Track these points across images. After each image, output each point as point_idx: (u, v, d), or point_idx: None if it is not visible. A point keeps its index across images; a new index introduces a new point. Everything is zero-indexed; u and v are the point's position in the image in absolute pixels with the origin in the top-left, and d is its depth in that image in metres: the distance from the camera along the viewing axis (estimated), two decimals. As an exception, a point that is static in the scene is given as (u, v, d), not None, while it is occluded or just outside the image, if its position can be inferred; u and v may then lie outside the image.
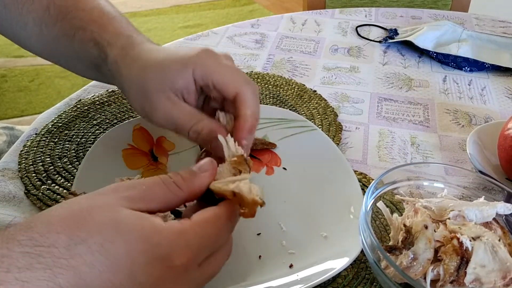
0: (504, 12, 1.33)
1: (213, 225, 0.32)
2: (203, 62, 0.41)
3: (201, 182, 0.34)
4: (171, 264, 0.29)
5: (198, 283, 0.32)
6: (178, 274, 0.30)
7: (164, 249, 0.29)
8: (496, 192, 0.44)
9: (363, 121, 0.65)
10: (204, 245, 0.31)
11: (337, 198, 0.49)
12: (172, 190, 0.32)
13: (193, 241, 0.30)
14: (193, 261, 0.30)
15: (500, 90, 0.73)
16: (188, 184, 0.33)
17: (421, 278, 0.38)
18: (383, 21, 0.93)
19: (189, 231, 0.30)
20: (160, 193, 0.32)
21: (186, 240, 0.30)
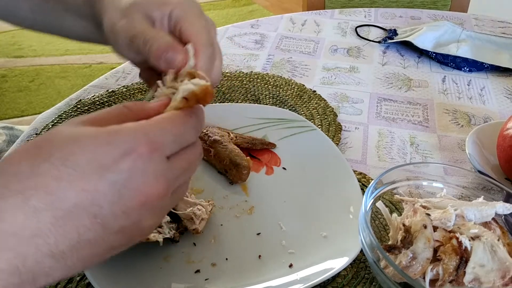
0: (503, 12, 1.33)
1: (171, 120, 0.32)
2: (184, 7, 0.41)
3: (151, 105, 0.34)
4: (136, 153, 0.29)
5: (173, 176, 0.32)
6: (145, 163, 0.29)
7: (125, 144, 0.29)
8: (495, 192, 0.44)
9: (363, 121, 0.65)
10: (167, 138, 0.31)
11: (337, 198, 0.49)
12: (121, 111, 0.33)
13: (152, 131, 0.30)
14: (158, 151, 0.30)
15: (499, 90, 0.73)
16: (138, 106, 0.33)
17: (420, 278, 0.38)
18: (382, 21, 0.93)
19: (147, 124, 0.31)
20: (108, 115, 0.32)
21: (144, 131, 0.30)
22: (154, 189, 0.30)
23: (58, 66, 2.36)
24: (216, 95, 0.68)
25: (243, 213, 0.49)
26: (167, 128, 0.31)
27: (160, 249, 0.44)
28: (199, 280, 0.42)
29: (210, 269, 0.43)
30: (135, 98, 0.67)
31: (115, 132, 0.29)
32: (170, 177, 0.32)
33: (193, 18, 0.41)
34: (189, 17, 0.41)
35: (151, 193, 0.30)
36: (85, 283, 0.42)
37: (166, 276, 0.42)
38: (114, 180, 0.28)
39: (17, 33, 2.68)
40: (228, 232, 0.47)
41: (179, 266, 0.43)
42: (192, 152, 0.34)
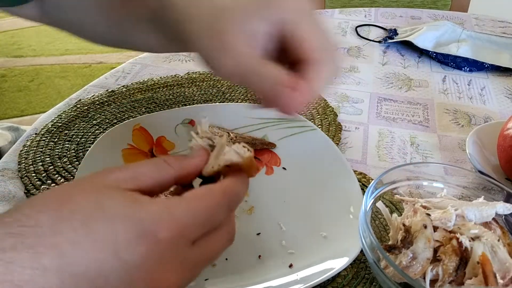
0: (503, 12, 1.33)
1: (204, 200, 0.30)
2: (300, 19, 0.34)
3: (191, 161, 0.33)
4: (155, 238, 0.27)
5: (194, 263, 0.30)
6: (164, 249, 0.28)
7: (147, 223, 0.27)
8: (496, 192, 0.44)
9: (363, 121, 0.65)
10: (194, 220, 0.29)
11: (337, 198, 0.49)
12: (161, 167, 0.31)
13: (180, 214, 0.28)
14: (181, 236, 0.28)
15: (499, 90, 0.73)
16: (178, 163, 0.32)
17: (420, 278, 0.38)
18: (382, 21, 0.93)
19: (176, 204, 0.28)
20: (148, 171, 0.30)
21: (171, 213, 0.28)
22: (167, 280, 0.28)
23: (58, 66, 2.37)
24: (216, 95, 0.68)
25: (243, 213, 0.49)
26: (198, 210, 0.29)
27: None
28: (199, 280, 0.42)
29: (210, 269, 0.43)
30: (134, 97, 0.67)
31: (140, 207, 0.28)
32: (188, 267, 0.29)
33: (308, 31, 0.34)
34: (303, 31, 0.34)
35: (162, 282, 0.28)
36: None
37: (165, 276, 0.42)
38: (126, 259, 0.27)
39: (16, 33, 2.68)
40: (228, 232, 0.47)
41: (179, 266, 0.43)
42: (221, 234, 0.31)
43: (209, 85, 0.71)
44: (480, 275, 0.36)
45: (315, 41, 0.34)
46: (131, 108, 0.65)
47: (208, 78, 0.73)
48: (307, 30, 0.34)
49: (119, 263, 0.27)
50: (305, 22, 0.34)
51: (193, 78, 0.73)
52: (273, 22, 0.33)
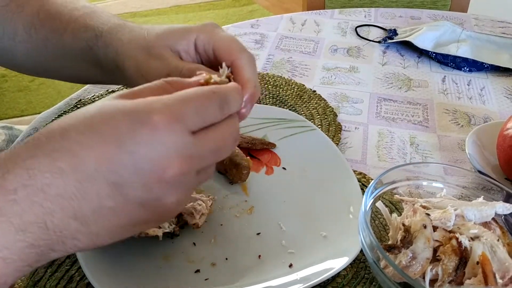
0: (503, 12, 1.33)
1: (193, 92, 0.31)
2: (207, 29, 0.42)
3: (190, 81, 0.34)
4: (152, 123, 0.29)
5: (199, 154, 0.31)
6: (164, 135, 0.29)
7: (141, 112, 0.29)
8: (495, 192, 0.44)
9: (363, 121, 0.65)
10: (187, 107, 0.30)
11: (337, 197, 0.49)
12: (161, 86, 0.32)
13: (171, 101, 0.30)
14: (177, 122, 0.29)
15: (499, 90, 0.73)
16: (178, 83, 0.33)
17: (420, 278, 0.38)
18: (382, 21, 0.93)
19: (167, 96, 0.30)
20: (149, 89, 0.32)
21: (162, 101, 0.30)
22: (174, 164, 0.29)
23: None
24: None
25: (243, 213, 0.49)
26: (188, 99, 0.30)
27: (160, 249, 0.44)
28: (199, 280, 0.42)
29: (210, 269, 0.43)
30: (135, 98, 0.67)
31: (136, 103, 0.30)
32: (194, 153, 0.30)
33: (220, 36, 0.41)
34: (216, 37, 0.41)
35: (170, 168, 0.29)
36: (85, 282, 0.42)
37: (165, 276, 0.42)
38: (131, 150, 0.28)
39: (17, 33, 2.67)
40: (228, 232, 0.47)
41: (179, 266, 0.43)
42: (221, 131, 0.32)
43: (209, 85, 0.71)
44: (479, 274, 0.36)
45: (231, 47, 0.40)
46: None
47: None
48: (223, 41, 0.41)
49: (125, 154, 0.29)
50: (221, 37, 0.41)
51: (193, 78, 0.73)
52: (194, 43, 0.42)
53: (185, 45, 0.42)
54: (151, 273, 0.42)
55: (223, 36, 0.42)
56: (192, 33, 0.42)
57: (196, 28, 0.42)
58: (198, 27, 0.43)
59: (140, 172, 0.29)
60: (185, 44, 0.42)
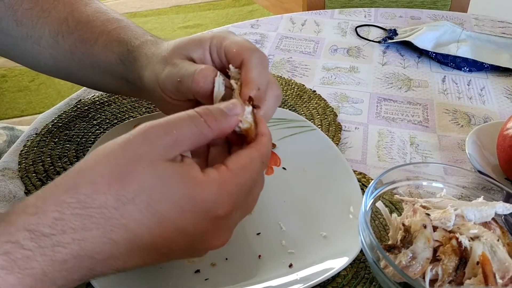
0: (503, 12, 1.33)
1: (249, 170, 0.33)
2: (220, 36, 0.43)
3: (230, 123, 0.34)
4: (216, 215, 0.32)
5: (239, 221, 0.36)
6: (223, 221, 0.33)
7: (208, 204, 0.31)
8: (495, 192, 0.44)
9: (363, 121, 0.65)
10: (244, 191, 0.34)
11: (337, 197, 0.49)
12: (202, 130, 0.33)
13: (234, 190, 0.32)
14: (235, 208, 0.33)
15: (499, 90, 0.73)
16: (218, 125, 0.33)
17: (420, 278, 0.38)
18: (382, 21, 0.93)
19: (229, 181, 0.32)
20: (190, 135, 0.32)
21: (227, 191, 0.32)
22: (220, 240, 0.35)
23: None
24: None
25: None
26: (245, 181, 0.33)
27: (160, 249, 0.44)
28: (199, 280, 0.42)
29: (210, 269, 0.43)
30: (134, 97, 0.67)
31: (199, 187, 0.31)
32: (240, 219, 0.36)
33: (231, 40, 0.42)
34: (227, 41, 0.42)
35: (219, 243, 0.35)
36: (85, 282, 0.42)
37: (166, 276, 0.42)
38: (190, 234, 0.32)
39: (17, 33, 2.67)
40: (228, 232, 0.47)
41: (179, 266, 0.43)
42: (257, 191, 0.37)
43: (209, 85, 0.71)
44: (479, 275, 0.36)
45: (241, 47, 0.41)
46: (131, 108, 0.65)
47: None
48: (233, 43, 0.41)
49: (184, 239, 0.31)
50: (232, 40, 0.42)
51: (193, 78, 0.73)
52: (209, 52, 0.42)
53: (200, 53, 0.42)
54: (151, 273, 0.42)
55: (234, 39, 0.42)
56: (206, 41, 0.42)
57: (209, 35, 0.43)
58: (211, 34, 0.43)
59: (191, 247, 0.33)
60: (200, 52, 0.42)
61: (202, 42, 0.42)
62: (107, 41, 0.48)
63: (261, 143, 0.35)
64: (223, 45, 0.42)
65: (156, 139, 0.31)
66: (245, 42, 0.41)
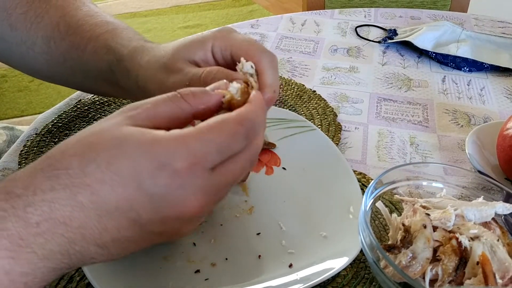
0: (503, 12, 1.33)
1: (218, 129, 0.31)
2: (222, 35, 0.42)
3: (210, 98, 0.33)
4: (173, 169, 0.29)
5: (216, 188, 0.32)
6: (184, 178, 0.30)
7: (164, 157, 0.29)
8: (495, 192, 0.44)
9: (363, 121, 0.65)
10: (210, 150, 0.30)
11: (337, 198, 0.49)
12: (178, 104, 0.32)
13: (194, 145, 0.30)
14: (198, 165, 0.30)
15: (499, 90, 0.73)
16: (196, 99, 0.32)
17: (420, 278, 0.38)
18: (382, 21, 0.93)
19: (190, 136, 0.30)
20: (166, 109, 0.31)
21: (186, 145, 0.30)
22: (191, 205, 0.31)
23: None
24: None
25: (243, 213, 0.49)
26: (212, 140, 0.30)
27: (160, 249, 0.44)
28: (199, 280, 0.42)
29: (210, 269, 0.43)
30: (135, 98, 0.67)
31: (157, 142, 0.30)
32: (211, 191, 0.31)
33: (237, 40, 0.41)
34: (233, 41, 0.41)
35: (188, 209, 0.31)
36: (85, 283, 0.42)
37: (165, 276, 0.42)
38: (151, 192, 0.29)
39: (17, 33, 2.67)
40: (228, 232, 0.47)
41: (179, 266, 0.43)
42: (240, 161, 0.32)
43: (209, 85, 0.71)
44: (479, 275, 0.36)
45: (251, 50, 0.40)
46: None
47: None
48: (241, 45, 0.41)
49: (144, 196, 0.29)
50: (238, 41, 0.41)
51: (193, 78, 0.73)
52: (212, 52, 0.41)
53: (202, 55, 0.41)
54: (151, 273, 0.42)
55: (240, 39, 0.41)
56: (207, 42, 0.41)
57: (210, 35, 0.42)
58: (213, 34, 0.42)
59: (158, 211, 0.30)
60: (202, 54, 0.41)
61: (204, 43, 0.42)
62: (96, 48, 0.48)
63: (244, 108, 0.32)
64: (228, 46, 0.41)
65: (128, 110, 0.31)
66: (253, 43, 0.41)
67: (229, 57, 0.42)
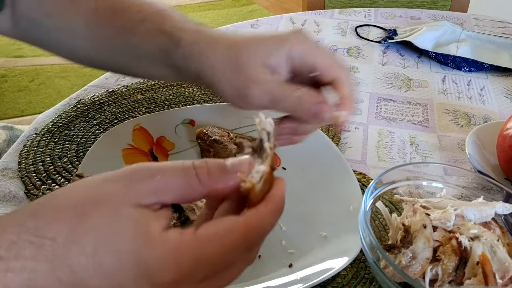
0: (503, 12, 1.33)
1: (219, 243, 0.27)
2: (302, 41, 0.41)
3: (227, 183, 0.29)
4: (156, 281, 0.27)
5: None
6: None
7: (152, 266, 0.27)
8: (495, 192, 0.44)
9: (363, 121, 0.65)
10: (203, 268, 0.27)
11: (337, 197, 0.49)
12: (191, 183, 0.28)
13: (185, 260, 0.27)
14: (185, 280, 0.27)
15: (499, 90, 0.73)
16: (211, 181, 0.28)
17: (420, 278, 0.38)
18: (382, 21, 0.93)
19: (186, 247, 0.27)
20: (176, 185, 0.28)
21: (177, 259, 0.27)
22: None
23: (58, 65, 2.36)
24: (216, 95, 0.68)
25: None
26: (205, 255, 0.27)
27: (160, 249, 0.44)
28: (199, 280, 0.42)
29: (210, 269, 0.43)
30: (134, 97, 0.67)
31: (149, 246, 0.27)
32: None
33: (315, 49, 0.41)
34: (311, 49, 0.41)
35: None
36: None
37: (166, 276, 0.42)
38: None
39: (17, 33, 2.67)
40: (228, 232, 0.47)
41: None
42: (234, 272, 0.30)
43: (209, 85, 0.71)
44: (479, 275, 0.36)
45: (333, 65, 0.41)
46: (131, 108, 0.65)
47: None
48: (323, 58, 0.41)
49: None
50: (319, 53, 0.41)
51: (193, 78, 0.73)
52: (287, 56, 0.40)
53: (278, 58, 0.40)
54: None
55: (322, 52, 0.41)
56: (285, 45, 0.40)
57: (290, 39, 0.41)
58: (292, 38, 0.41)
59: None
60: (279, 57, 0.40)
61: (281, 46, 0.40)
62: (148, 30, 0.45)
63: (256, 212, 0.28)
64: (310, 57, 0.40)
65: (136, 182, 0.28)
66: (334, 59, 0.41)
67: (308, 65, 0.41)
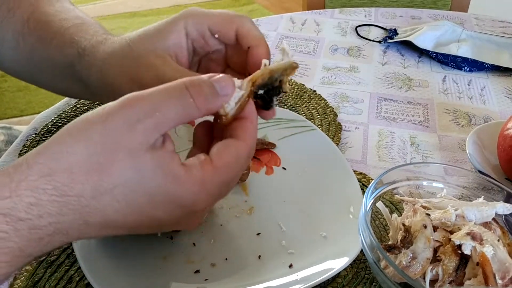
0: (503, 12, 1.33)
1: (235, 168, 0.33)
2: (194, 12, 0.40)
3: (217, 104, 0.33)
4: (193, 210, 0.32)
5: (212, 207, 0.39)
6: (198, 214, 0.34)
7: (186, 201, 0.31)
8: (496, 192, 0.44)
9: (363, 121, 0.65)
10: (225, 186, 0.34)
11: (337, 198, 0.49)
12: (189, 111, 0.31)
13: (215, 190, 0.33)
14: (213, 200, 0.34)
15: (499, 90, 0.73)
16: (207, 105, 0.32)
17: (420, 278, 0.38)
18: (382, 21, 0.93)
19: (212, 180, 0.32)
20: (174, 115, 0.31)
21: (208, 191, 0.32)
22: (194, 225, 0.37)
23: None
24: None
25: (243, 213, 0.49)
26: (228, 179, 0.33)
27: (159, 249, 0.44)
28: (199, 280, 0.42)
29: (210, 269, 0.43)
30: (134, 97, 0.67)
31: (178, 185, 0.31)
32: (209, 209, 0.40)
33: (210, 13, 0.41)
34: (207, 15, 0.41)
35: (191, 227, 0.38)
36: (85, 283, 0.42)
37: (165, 276, 0.42)
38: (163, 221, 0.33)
39: (17, 33, 2.67)
40: (228, 232, 0.47)
41: (179, 266, 0.43)
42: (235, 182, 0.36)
43: (209, 85, 0.71)
44: (479, 275, 0.36)
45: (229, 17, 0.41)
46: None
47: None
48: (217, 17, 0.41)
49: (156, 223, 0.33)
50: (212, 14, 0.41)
51: (193, 78, 0.73)
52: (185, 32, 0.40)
53: (175, 38, 0.39)
54: (150, 273, 0.42)
55: (214, 12, 0.40)
56: (179, 23, 0.40)
57: (181, 16, 0.40)
58: (183, 14, 0.40)
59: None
60: (175, 37, 0.39)
61: (174, 26, 0.40)
62: (61, 42, 0.45)
63: (249, 133, 0.34)
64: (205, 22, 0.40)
65: (136, 122, 0.29)
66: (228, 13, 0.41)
67: (207, 33, 0.40)
